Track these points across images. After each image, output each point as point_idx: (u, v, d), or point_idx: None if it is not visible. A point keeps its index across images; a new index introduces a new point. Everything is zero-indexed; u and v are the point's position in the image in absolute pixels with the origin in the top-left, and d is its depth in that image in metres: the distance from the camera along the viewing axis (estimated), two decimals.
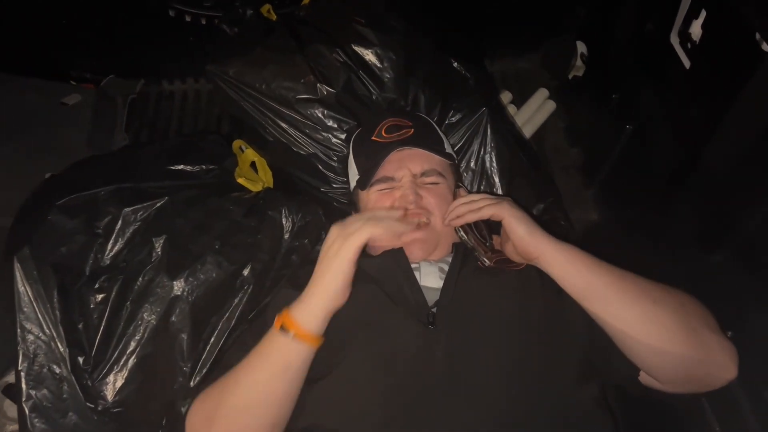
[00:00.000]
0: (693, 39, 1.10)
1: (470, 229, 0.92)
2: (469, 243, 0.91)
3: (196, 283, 0.93)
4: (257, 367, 0.79)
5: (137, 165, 1.05)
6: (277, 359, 0.78)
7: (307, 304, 0.78)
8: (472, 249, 0.91)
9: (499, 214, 0.85)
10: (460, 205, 0.90)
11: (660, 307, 0.77)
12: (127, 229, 0.96)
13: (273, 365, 0.78)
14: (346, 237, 0.78)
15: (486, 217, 0.87)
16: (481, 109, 1.22)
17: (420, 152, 1.00)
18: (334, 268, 0.78)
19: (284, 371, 0.78)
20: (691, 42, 1.10)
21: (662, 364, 0.77)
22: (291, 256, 1.05)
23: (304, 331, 0.77)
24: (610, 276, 0.80)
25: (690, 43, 1.11)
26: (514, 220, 0.84)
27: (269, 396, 0.78)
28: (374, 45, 1.16)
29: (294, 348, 0.78)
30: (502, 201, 0.87)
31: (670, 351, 0.75)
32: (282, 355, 0.78)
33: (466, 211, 0.89)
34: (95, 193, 0.97)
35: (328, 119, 1.17)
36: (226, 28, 1.30)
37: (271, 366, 0.78)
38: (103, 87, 1.61)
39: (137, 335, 0.91)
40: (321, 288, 0.78)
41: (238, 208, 1.03)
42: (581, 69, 1.62)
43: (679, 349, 0.75)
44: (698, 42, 1.08)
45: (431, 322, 0.82)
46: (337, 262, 0.78)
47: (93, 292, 0.91)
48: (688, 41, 1.11)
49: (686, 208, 1.10)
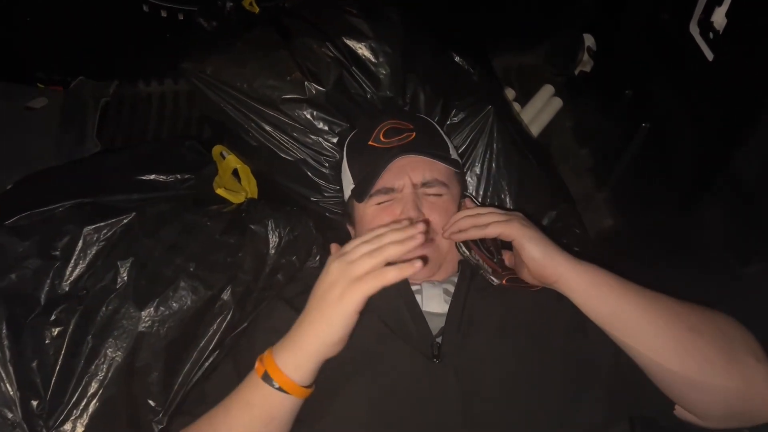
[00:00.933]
0: (716, 29, 1.04)
1: (475, 244, 0.83)
2: (472, 260, 0.83)
3: (167, 312, 0.85)
4: (236, 417, 0.69)
5: (101, 176, 0.98)
6: (260, 411, 0.68)
7: (296, 352, 0.67)
8: (477, 267, 0.83)
9: (509, 234, 0.78)
10: (464, 218, 0.83)
11: (697, 335, 0.70)
12: (89, 251, 0.88)
13: (254, 417, 0.68)
14: (352, 282, 0.65)
15: (492, 237, 0.80)
16: (487, 107, 1.14)
17: (422, 160, 0.92)
18: (334, 319, 0.66)
19: (266, 424, 0.68)
20: (713, 32, 1.05)
21: (701, 398, 0.71)
22: (276, 275, 0.97)
23: (290, 382, 0.67)
24: (639, 300, 0.73)
25: (712, 33, 1.05)
26: (526, 241, 0.76)
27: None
28: (368, 38, 1.07)
29: (279, 400, 0.67)
30: (512, 218, 0.80)
31: (709, 384, 0.69)
32: (265, 407, 0.68)
33: (469, 225, 0.81)
34: (51, 210, 0.89)
35: (318, 121, 1.08)
36: (204, 22, 1.20)
37: (251, 418, 0.68)
38: (72, 89, 1.54)
39: (100, 374, 0.82)
40: (315, 336, 0.67)
41: (216, 223, 0.94)
42: (588, 64, 1.56)
43: (720, 381, 0.69)
44: (722, 32, 1.03)
45: (436, 355, 0.74)
46: (339, 312, 0.65)
47: (49, 325, 0.83)
48: (710, 31, 1.06)
49: (715, 214, 1.03)
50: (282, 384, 0.66)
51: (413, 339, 0.76)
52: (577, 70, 1.56)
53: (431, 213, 0.88)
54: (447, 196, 0.91)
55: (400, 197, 0.89)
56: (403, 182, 0.89)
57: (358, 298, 0.64)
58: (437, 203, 0.90)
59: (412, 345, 0.75)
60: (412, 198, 0.88)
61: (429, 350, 0.75)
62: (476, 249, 0.83)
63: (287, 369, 0.66)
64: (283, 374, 0.66)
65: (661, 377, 0.72)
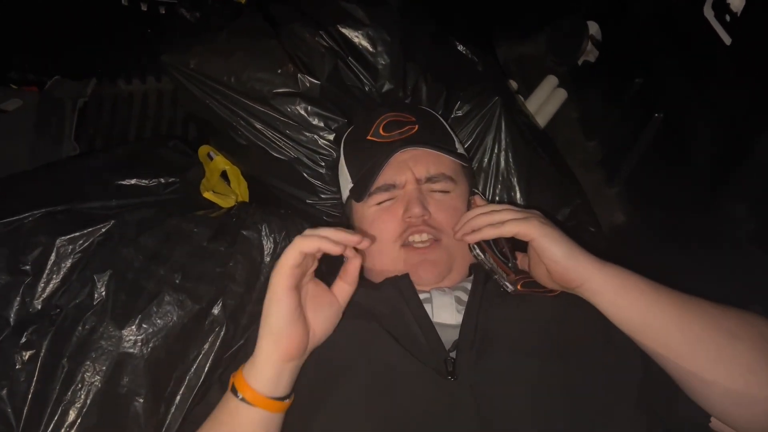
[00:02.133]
0: (732, 11, 1.01)
1: (488, 245, 0.77)
2: (486, 264, 0.77)
3: (151, 330, 0.78)
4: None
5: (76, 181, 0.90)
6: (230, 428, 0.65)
7: (254, 360, 0.65)
8: (491, 271, 0.77)
9: (527, 233, 0.71)
10: (478, 215, 0.76)
11: (738, 342, 0.65)
12: (63, 264, 0.81)
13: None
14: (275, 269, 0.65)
15: (509, 236, 0.73)
16: (493, 98, 1.08)
17: (427, 153, 0.86)
18: (269, 308, 0.64)
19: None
20: (730, 14, 1.01)
21: (741, 411, 0.66)
22: None
23: (252, 392, 0.63)
24: (672, 305, 0.68)
25: (729, 16, 1.02)
26: (547, 241, 0.70)
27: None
28: (365, 25, 1.01)
29: (244, 413, 0.64)
30: (530, 216, 0.73)
31: (752, 394, 0.64)
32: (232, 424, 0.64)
33: (484, 224, 0.75)
34: (20, 219, 0.82)
35: (313, 117, 1.01)
36: (186, 12, 1.13)
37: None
38: (48, 90, 1.47)
39: (77, 402, 0.75)
40: (264, 337, 0.65)
41: (204, 229, 0.87)
42: (592, 53, 1.52)
43: (764, 392, 0.64)
44: (739, 14, 0.99)
45: (451, 372, 0.67)
46: (270, 299, 0.64)
47: (19, 348, 0.76)
48: (727, 13, 1.02)
49: (739, 207, 1.00)
50: (245, 394, 0.63)
51: (424, 354, 0.69)
52: (580, 59, 1.51)
53: (438, 212, 0.82)
54: (454, 193, 0.85)
55: (402, 195, 0.83)
56: (406, 177, 0.83)
57: (280, 275, 0.63)
58: (444, 201, 0.84)
59: (423, 361, 0.68)
60: (416, 194, 0.82)
61: (443, 367, 0.68)
62: (489, 251, 0.77)
63: (249, 377, 0.64)
64: (245, 383, 0.64)
65: (698, 388, 0.67)
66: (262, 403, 0.63)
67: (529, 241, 0.72)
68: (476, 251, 0.77)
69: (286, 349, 0.64)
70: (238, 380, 0.64)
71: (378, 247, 0.82)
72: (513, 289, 0.75)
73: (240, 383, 0.64)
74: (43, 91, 1.46)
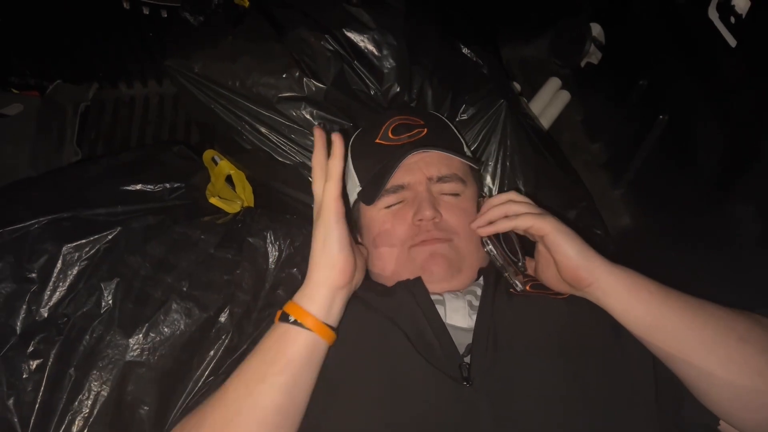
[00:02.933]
0: (737, 12, 1.00)
1: (499, 243, 0.76)
2: (498, 261, 0.76)
3: (158, 339, 0.77)
4: (249, 370, 0.65)
5: (81, 188, 0.89)
6: (275, 354, 0.64)
7: (306, 285, 0.68)
8: (502, 269, 0.76)
9: (542, 228, 0.71)
10: (495, 207, 0.76)
11: (749, 345, 0.64)
12: (69, 272, 0.81)
13: (270, 363, 0.64)
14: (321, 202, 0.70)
15: (524, 228, 0.72)
16: (499, 101, 1.07)
17: (438, 155, 0.84)
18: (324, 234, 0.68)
19: (282, 369, 0.63)
20: (735, 16, 1.01)
21: (750, 413, 0.65)
22: (277, 291, 0.89)
23: (306, 313, 0.66)
24: (683, 307, 0.67)
25: (734, 18, 1.01)
26: (561, 237, 0.70)
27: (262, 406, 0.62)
28: (370, 29, 1.00)
29: (294, 336, 0.65)
30: (546, 213, 0.73)
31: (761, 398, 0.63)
32: (280, 347, 0.64)
33: (500, 215, 0.74)
34: (26, 227, 0.81)
35: (318, 120, 1.01)
36: (189, 17, 1.12)
37: (267, 365, 0.64)
38: (49, 94, 1.47)
39: (85, 411, 0.75)
40: (316, 264, 0.68)
41: (210, 236, 0.87)
42: (595, 55, 1.50)
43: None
44: (744, 16, 0.99)
45: (466, 378, 0.66)
46: (320, 227, 0.68)
47: (26, 357, 0.76)
48: (731, 15, 1.01)
49: (746, 209, 0.98)
50: (298, 316, 0.65)
51: (438, 359, 0.68)
52: (583, 61, 1.50)
53: (448, 214, 0.81)
54: (464, 196, 0.84)
55: (412, 197, 0.82)
56: (416, 179, 0.82)
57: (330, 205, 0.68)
58: (455, 203, 0.82)
59: (437, 366, 0.67)
60: (427, 196, 0.80)
61: (457, 372, 0.67)
62: (500, 249, 0.76)
63: (302, 301, 0.66)
64: (300, 308, 0.65)
65: (707, 391, 0.66)
66: (315, 325, 0.64)
67: (542, 237, 0.71)
68: (489, 247, 0.76)
69: (341, 273, 0.67)
70: (290, 307, 0.66)
71: (388, 251, 0.81)
72: (522, 288, 0.74)
73: (293, 309, 0.65)
74: (44, 95, 1.46)
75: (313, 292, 0.66)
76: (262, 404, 0.62)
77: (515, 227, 0.73)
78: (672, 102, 1.18)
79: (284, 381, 0.62)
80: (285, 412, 0.63)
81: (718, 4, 1.03)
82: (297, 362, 0.63)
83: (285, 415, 0.63)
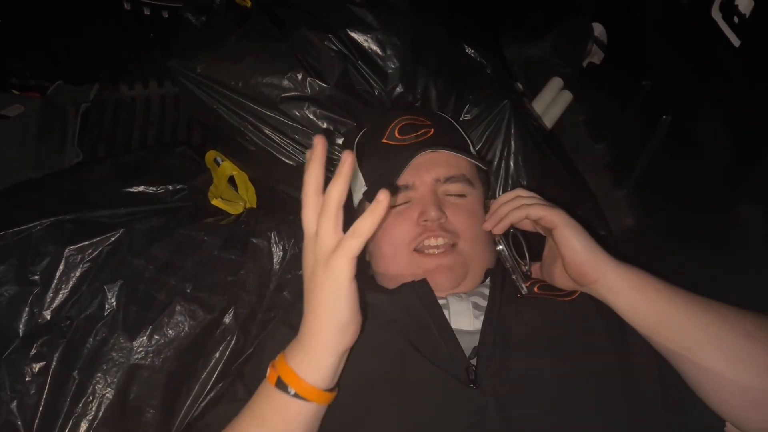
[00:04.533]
0: (741, 12, 1.00)
1: (509, 245, 0.77)
2: (507, 261, 0.76)
3: (163, 341, 0.76)
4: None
5: (83, 189, 0.88)
6: (273, 426, 0.60)
7: (308, 350, 0.59)
8: (510, 270, 0.76)
9: (553, 220, 0.71)
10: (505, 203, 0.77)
11: (755, 343, 0.64)
12: (72, 275, 0.80)
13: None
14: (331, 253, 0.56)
15: (537, 217, 0.73)
16: (503, 101, 1.07)
17: (445, 155, 0.84)
18: (332, 297, 0.57)
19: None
20: (738, 16, 1.01)
21: (757, 413, 0.64)
22: (282, 293, 0.89)
23: (308, 386, 0.58)
24: (689, 305, 0.67)
25: (737, 17, 1.01)
26: (570, 231, 0.70)
27: None
28: (374, 29, 1.00)
29: (296, 409, 0.59)
30: (556, 206, 0.73)
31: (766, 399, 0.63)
32: (279, 421, 0.59)
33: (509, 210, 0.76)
34: (28, 229, 0.80)
35: (322, 121, 1.01)
36: (191, 17, 1.12)
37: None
38: (50, 95, 1.46)
39: (89, 414, 0.74)
40: (321, 326, 0.59)
41: (214, 237, 0.86)
42: (597, 55, 1.50)
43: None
44: (748, 16, 0.99)
45: (473, 381, 0.66)
46: (332, 288, 0.57)
47: (29, 360, 0.75)
48: (735, 15, 1.01)
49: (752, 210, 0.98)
50: (298, 389, 0.58)
51: (445, 362, 0.67)
52: (585, 61, 1.50)
53: (454, 216, 0.80)
54: (471, 197, 0.84)
55: (418, 198, 0.81)
56: (423, 179, 0.82)
57: (344, 263, 0.55)
58: (461, 205, 0.82)
59: (443, 368, 0.67)
60: (432, 197, 0.80)
61: (464, 374, 0.66)
62: (508, 250, 0.77)
63: (302, 370, 0.59)
64: (299, 377, 0.58)
65: (713, 391, 0.66)
66: (317, 396, 0.59)
67: (551, 231, 0.71)
68: (500, 246, 0.76)
69: (349, 339, 0.59)
70: (286, 375, 0.59)
71: (392, 252, 0.81)
72: (527, 291, 0.74)
73: (290, 378, 0.58)
74: (45, 96, 1.45)
75: (320, 362, 0.59)
76: None
77: (528, 215, 0.73)
78: (675, 102, 1.17)
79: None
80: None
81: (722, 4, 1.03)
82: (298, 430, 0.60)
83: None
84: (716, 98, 1.06)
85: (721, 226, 1.03)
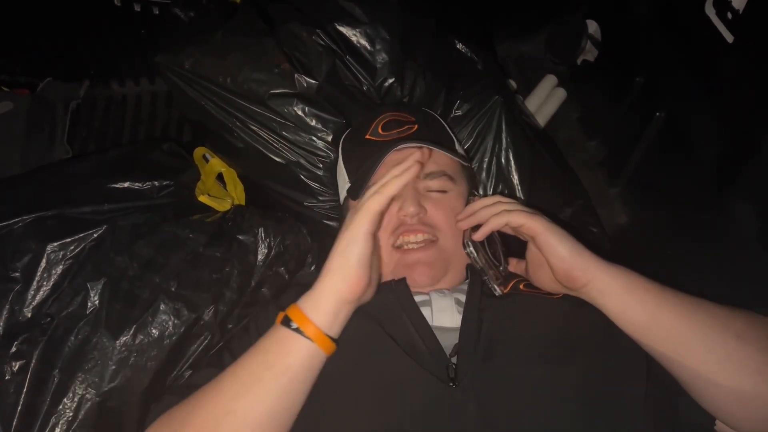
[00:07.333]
0: (734, 8, 1.01)
1: (482, 245, 0.75)
2: (478, 263, 0.74)
3: (147, 340, 0.76)
4: (246, 370, 0.63)
5: (66, 185, 0.87)
6: (274, 358, 0.63)
7: (315, 295, 0.65)
8: (481, 272, 0.74)
9: (534, 227, 0.70)
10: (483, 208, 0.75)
11: (746, 343, 0.64)
12: (53, 271, 0.79)
13: (267, 365, 0.62)
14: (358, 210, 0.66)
15: (517, 225, 0.71)
16: (493, 97, 1.06)
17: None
18: (346, 248, 0.65)
19: (280, 375, 0.61)
20: (732, 12, 1.01)
21: (747, 412, 0.65)
22: (261, 289, 0.89)
23: (309, 322, 0.63)
24: (679, 305, 0.66)
25: (731, 14, 1.01)
26: (553, 237, 0.69)
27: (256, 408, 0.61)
28: (363, 23, 0.99)
29: (296, 345, 0.63)
30: (536, 213, 0.72)
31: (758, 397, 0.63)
32: (280, 354, 0.63)
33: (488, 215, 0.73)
34: (8, 225, 0.80)
35: (310, 117, 0.99)
36: (180, 12, 1.11)
37: (265, 367, 0.62)
38: (39, 92, 1.45)
39: (68, 415, 0.73)
40: (332, 273, 0.65)
41: (199, 234, 0.85)
42: (591, 52, 1.50)
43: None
44: (741, 12, 0.99)
45: (453, 378, 0.65)
46: (348, 239, 0.65)
47: (8, 359, 0.75)
48: (728, 11, 1.02)
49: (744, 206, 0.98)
50: (300, 324, 0.63)
51: (425, 360, 0.67)
52: (579, 58, 1.50)
53: (434, 210, 0.79)
54: (453, 193, 0.83)
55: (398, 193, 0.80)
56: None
57: (364, 217, 0.65)
58: (442, 200, 0.81)
59: (424, 367, 0.66)
60: (411, 193, 0.78)
61: (444, 373, 0.65)
62: (482, 251, 0.75)
63: (305, 307, 0.64)
64: (304, 315, 0.63)
65: (703, 390, 0.65)
66: (316, 335, 0.62)
67: (533, 238, 0.70)
68: (470, 248, 0.74)
69: (351, 287, 0.64)
70: (293, 312, 0.64)
71: None
72: (500, 293, 0.73)
73: (296, 315, 0.63)
74: (34, 93, 1.44)
75: (320, 301, 0.64)
76: (256, 406, 0.60)
77: (508, 222, 0.71)
78: (669, 98, 1.17)
79: (280, 386, 0.61)
80: (277, 417, 0.61)
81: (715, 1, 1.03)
82: (294, 369, 0.62)
83: (276, 419, 0.61)
84: (710, 95, 1.06)
85: (712, 221, 1.03)
